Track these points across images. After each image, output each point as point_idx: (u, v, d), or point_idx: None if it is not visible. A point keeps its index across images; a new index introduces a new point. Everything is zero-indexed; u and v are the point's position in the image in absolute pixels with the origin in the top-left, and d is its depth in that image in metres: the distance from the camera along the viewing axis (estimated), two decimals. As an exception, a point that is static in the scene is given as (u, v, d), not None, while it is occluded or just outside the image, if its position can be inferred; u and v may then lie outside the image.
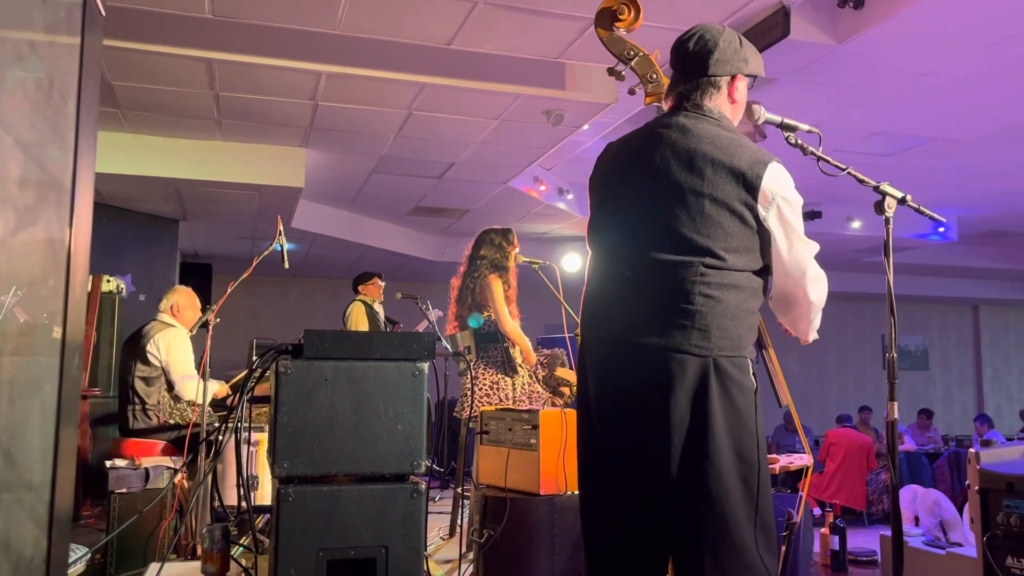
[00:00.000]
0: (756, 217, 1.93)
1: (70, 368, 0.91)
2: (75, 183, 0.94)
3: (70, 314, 0.90)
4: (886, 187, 2.30)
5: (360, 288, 7.04)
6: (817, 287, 2.03)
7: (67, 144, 0.96)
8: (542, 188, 8.33)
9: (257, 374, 2.30)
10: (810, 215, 9.34)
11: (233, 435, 2.33)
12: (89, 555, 2.30)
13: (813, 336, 2.16)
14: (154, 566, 2.20)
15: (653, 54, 2.47)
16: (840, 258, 11.46)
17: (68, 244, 0.92)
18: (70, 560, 2.15)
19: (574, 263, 9.30)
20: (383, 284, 7.10)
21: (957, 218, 10.03)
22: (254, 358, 2.26)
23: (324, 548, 2.06)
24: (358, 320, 6.75)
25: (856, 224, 9.84)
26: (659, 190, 1.98)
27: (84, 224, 0.97)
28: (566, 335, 4.71)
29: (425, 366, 2.23)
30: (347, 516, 2.09)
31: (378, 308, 7.01)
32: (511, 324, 4.48)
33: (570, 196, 8.67)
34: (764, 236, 1.96)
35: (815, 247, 2.03)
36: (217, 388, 4.50)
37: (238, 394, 2.28)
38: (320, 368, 2.14)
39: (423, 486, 2.17)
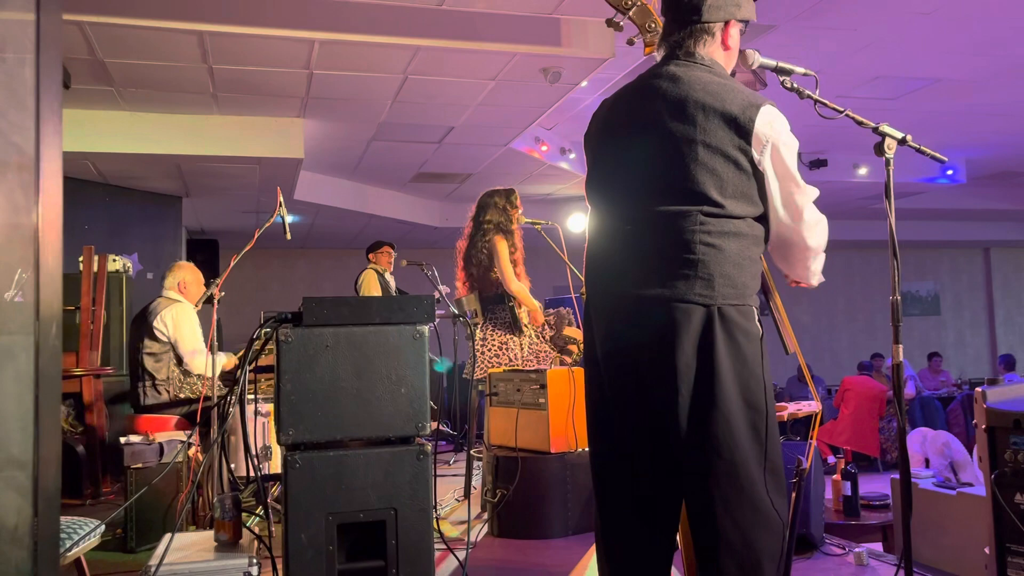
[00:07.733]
0: (751, 161, 1.90)
1: (47, 337, 0.91)
2: (39, 147, 0.92)
3: (42, 282, 0.89)
4: (885, 128, 2.26)
5: (371, 256, 7.09)
6: (816, 231, 2.00)
7: (28, 114, 0.94)
8: (544, 148, 8.26)
9: (259, 344, 2.30)
10: (816, 163, 9.25)
11: (239, 406, 2.33)
12: (103, 528, 2.33)
13: (817, 279, 2.11)
14: (168, 537, 2.22)
15: (651, 3, 2.42)
16: (847, 206, 11.36)
17: (37, 213, 0.91)
18: (82, 534, 2.18)
19: (578, 223, 9.24)
20: (394, 254, 7.12)
21: (965, 160, 9.90)
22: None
23: (333, 512, 2.08)
24: (370, 287, 6.79)
25: (863, 171, 9.72)
26: (653, 141, 1.96)
27: (53, 191, 0.95)
28: (572, 295, 4.71)
29: (426, 328, 2.22)
30: (355, 480, 2.10)
31: (389, 278, 7.02)
32: (516, 284, 4.48)
33: (572, 155, 8.60)
34: (760, 180, 1.93)
35: (813, 192, 1.98)
36: (226, 360, 4.53)
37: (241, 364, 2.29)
38: (320, 335, 2.13)
39: (429, 447, 2.17)
